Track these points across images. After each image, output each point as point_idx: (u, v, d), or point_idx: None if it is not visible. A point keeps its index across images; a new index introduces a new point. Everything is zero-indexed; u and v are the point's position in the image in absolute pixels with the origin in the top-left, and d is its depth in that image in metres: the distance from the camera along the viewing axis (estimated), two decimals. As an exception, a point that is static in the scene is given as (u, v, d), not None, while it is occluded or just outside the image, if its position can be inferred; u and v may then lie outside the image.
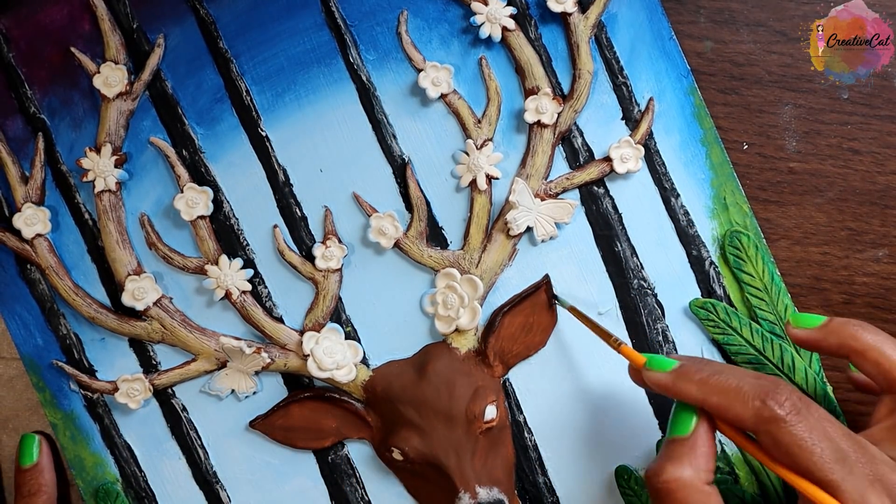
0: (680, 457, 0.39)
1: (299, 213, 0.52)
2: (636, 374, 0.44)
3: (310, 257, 0.51)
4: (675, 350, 0.52)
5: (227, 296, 0.51)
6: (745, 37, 0.52)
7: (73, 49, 0.51)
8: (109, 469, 0.52)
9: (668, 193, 0.52)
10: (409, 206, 0.51)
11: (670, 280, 0.52)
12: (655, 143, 0.51)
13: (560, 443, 0.52)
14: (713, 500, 0.39)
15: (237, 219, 0.52)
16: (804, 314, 0.45)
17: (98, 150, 0.51)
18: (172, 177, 0.51)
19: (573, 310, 0.49)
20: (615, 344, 0.45)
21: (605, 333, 0.47)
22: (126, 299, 0.51)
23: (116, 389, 0.51)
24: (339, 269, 0.51)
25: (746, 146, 0.52)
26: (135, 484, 0.52)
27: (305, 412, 0.51)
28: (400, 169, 0.51)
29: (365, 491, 0.52)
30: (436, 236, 0.52)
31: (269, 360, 0.51)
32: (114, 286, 0.52)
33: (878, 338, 0.41)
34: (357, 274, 0.52)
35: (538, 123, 0.51)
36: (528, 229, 0.51)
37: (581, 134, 0.51)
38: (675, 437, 0.40)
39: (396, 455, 0.50)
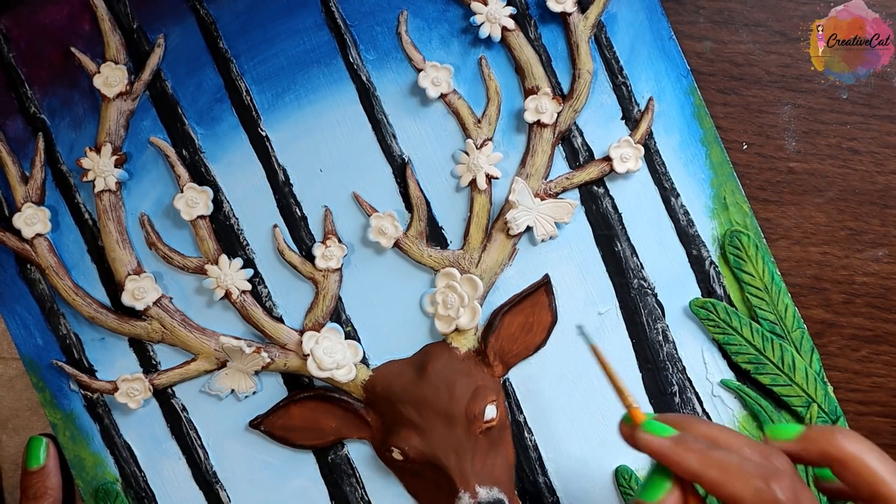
0: None
1: (299, 213, 0.52)
2: (628, 431, 0.42)
3: (310, 257, 0.51)
4: (676, 350, 0.52)
5: (227, 295, 0.51)
6: (745, 37, 0.52)
7: (73, 49, 0.51)
8: (109, 469, 0.52)
9: (667, 193, 0.52)
10: (409, 206, 0.51)
11: (670, 280, 0.52)
12: (655, 142, 0.52)
13: (560, 443, 0.52)
14: None
15: (237, 218, 0.52)
16: (781, 425, 0.42)
17: (98, 150, 0.51)
18: (172, 177, 0.51)
19: (595, 350, 0.48)
20: (627, 401, 0.42)
21: (620, 389, 0.43)
22: (126, 299, 0.51)
23: (116, 389, 0.51)
24: (339, 269, 0.51)
25: (746, 146, 0.52)
26: (135, 484, 0.52)
27: (305, 412, 0.51)
28: (400, 169, 0.51)
29: (365, 491, 0.52)
30: (436, 236, 0.52)
31: (268, 360, 0.51)
32: (114, 286, 0.52)
33: (860, 447, 0.39)
34: (357, 274, 0.52)
35: (538, 123, 0.51)
36: (528, 229, 0.51)
37: (581, 134, 0.51)
38: (642, 502, 0.39)
39: (396, 455, 0.50)
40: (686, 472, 0.38)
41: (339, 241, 0.51)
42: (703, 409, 0.52)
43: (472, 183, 0.51)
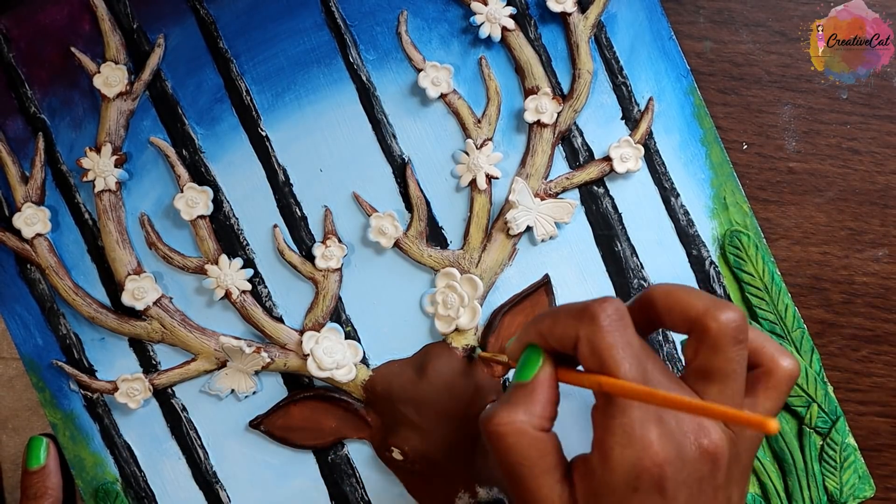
0: (516, 402, 0.39)
1: (299, 213, 0.52)
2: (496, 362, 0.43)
3: (310, 257, 0.51)
4: (676, 350, 0.52)
5: (227, 295, 0.51)
6: (745, 37, 0.52)
7: (73, 49, 0.51)
8: (109, 469, 0.52)
9: (667, 193, 0.52)
10: (408, 206, 0.51)
11: (670, 280, 0.52)
12: (655, 142, 0.52)
13: (559, 442, 0.52)
14: (545, 446, 0.38)
15: (237, 218, 0.52)
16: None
17: (98, 150, 0.51)
18: (172, 177, 0.51)
19: (487, 357, 0.50)
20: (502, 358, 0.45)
21: (498, 359, 0.47)
22: (126, 299, 0.51)
23: (116, 389, 0.51)
24: (339, 269, 0.51)
25: (746, 146, 0.52)
26: (135, 484, 0.52)
27: (305, 412, 0.51)
28: (400, 169, 0.51)
29: (365, 491, 0.52)
30: (436, 236, 0.52)
31: (268, 360, 0.51)
32: (114, 286, 0.52)
33: (669, 288, 0.39)
34: (357, 274, 0.52)
35: (538, 123, 0.51)
36: (528, 229, 0.51)
37: (581, 134, 0.51)
38: (516, 382, 0.40)
39: (396, 455, 0.50)
40: (533, 338, 0.40)
41: (339, 241, 0.51)
42: (703, 409, 0.52)
43: (472, 183, 0.51)
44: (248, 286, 0.51)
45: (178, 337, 0.51)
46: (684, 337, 0.52)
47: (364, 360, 0.52)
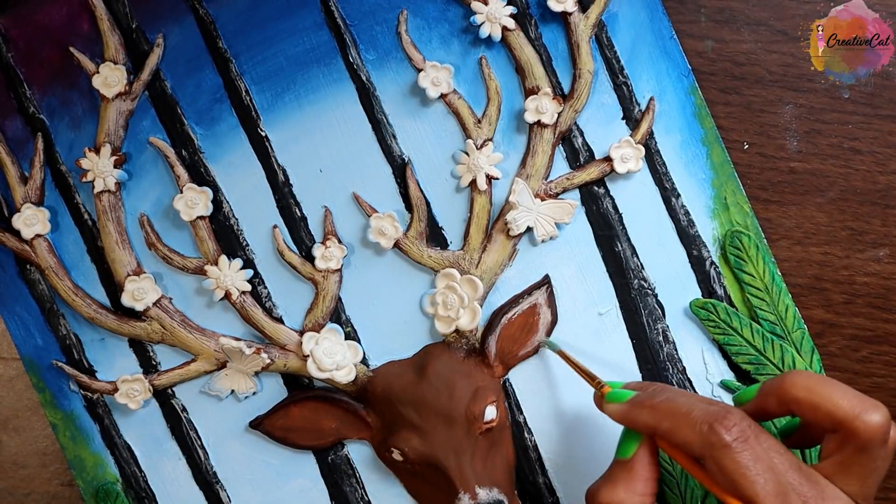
0: (617, 479, 0.41)
1: (299, 213, 0.52)
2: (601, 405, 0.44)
3: (310, 257, 0.51)
4: (676, 350, 0.52)
5: (227, 296, 0.51)
6: (746, 36, 0.52)
7: (72, 49, 0.51)
8: (109, 469, 0.52)
9: (668, 193, 0.52)
10: (408, 207, 0.51)
11: (671, 280, 0.52)
12: (656, 142, 0.51)
13: (560, 443, 0.52)
14: None
15: (237, 219, 0.52)
16: (742, 390, 0.44)
17: (97, 151, 0.51)
18: (172, 177, 0.51)
19: (561, 354, 0.49)
20: (598, 386, 0.45)
21: (589, 376, 0.47)
22: (126, 300, 0.51)
23: (116, 390, 0.51)
24: (339, 270, 0.51)
25: (747, 146, 0.52)
26: (135, 484, 0.52)
27: (305, 412, 0.51)
28: (400, 169, 0.51)
29: (365, 491, 0.52)
30: (436, 236, 0.52)
31: (268, 361, 0.51)
32: (113, 286, 0.52)
33: (807, 381, 0.40)
34: (357, 274, 0.52)
35: (538, 123, 0.50)
36: (529, 229, 0.51)
37: (581, 134, 0.51)
38: (618, 459, 0.42)
39: (396, 455, 0.50)
40: (644, 429, 0.41)
41: (339, 241, 0.51)
42: (704, 410, 0.52)
43: (473, 183, 0.51)
44: (248, 287, 0.51)
45: (178, 338, 0.51)
46: (684, 336, 0.52)
47: (364, 361, 0.52)
